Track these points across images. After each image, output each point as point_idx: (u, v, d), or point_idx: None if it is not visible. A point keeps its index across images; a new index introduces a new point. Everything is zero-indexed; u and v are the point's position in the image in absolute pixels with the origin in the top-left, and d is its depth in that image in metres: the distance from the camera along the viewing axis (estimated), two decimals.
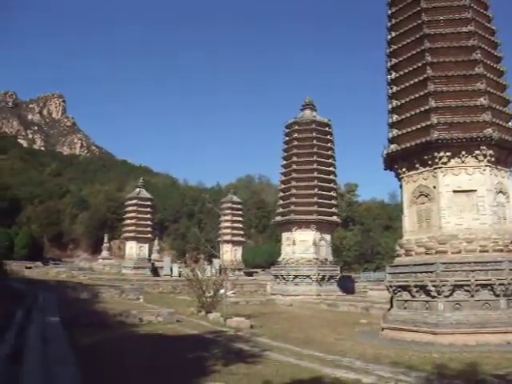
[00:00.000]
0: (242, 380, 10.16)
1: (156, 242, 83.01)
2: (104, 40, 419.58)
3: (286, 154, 44.08)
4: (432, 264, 17.46)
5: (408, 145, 19.00)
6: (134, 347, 14.57)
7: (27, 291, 23.74)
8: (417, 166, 19.22)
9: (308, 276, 40.26)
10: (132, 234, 64.23)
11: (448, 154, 18.31)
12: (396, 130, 20.10)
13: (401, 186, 20.28)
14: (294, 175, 42.26)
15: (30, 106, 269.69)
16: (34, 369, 7.55)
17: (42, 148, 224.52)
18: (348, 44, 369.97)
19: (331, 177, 43.23)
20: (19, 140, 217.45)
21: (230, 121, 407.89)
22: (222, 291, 25.30)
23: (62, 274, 50.52)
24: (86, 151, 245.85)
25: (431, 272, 17.32)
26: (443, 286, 16.99)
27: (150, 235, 65.97)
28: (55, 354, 8.80)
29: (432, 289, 17.21)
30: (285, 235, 43.41)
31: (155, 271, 64.44)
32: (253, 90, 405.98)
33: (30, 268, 55.55)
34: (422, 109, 18.87)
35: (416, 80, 19.43)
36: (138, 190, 67.59)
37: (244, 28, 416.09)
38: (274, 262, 52.71)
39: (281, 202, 44.35)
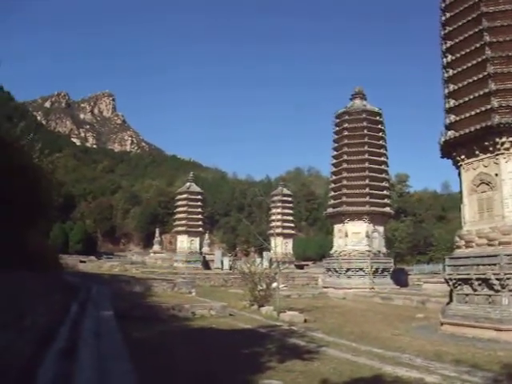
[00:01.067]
0: (299, 378, 9.75)
1: (207, 235, 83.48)
2: (152, 30, 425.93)
3: (336, 145, 43.31)
4: (495, 256, 16.62)
5: (467, 131, 18.08)
6: (186, 341, 14.36)
7: (82, 285, 23.92)
8: (477, 152, 18.26)
9: (361, 269, 39.50)
10: (183, 228, 64.67)
11: (510, 139, 17.35)
12: (453, 116, 19.20)
13: (459, 174, 19.36)
14: (345, 166, 41.47)
15: (82, 105, 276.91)
16: (88, 364, 7.33)
17: (94, 146, 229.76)
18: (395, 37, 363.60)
19: (383, 167, 42.21)
20: (72, 139, 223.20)
21: (279, 114, 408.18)
22: (274, 284, 24.99)
23: (115, 268, 51.32)
24: (136, 147, 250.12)
25: (494, 264, 16.47)
26: (507, 279, 16.14)
27: (200, 229, 66.27)
28: (109, 349, 8.59)
29: (495, 282, 16.39)
30: (337, 227, 42.71)
31: (206, 264, 64.78)
32: (301, 83, 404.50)
33: (84, 262, 56.68)
34: (482, 92, 17.91)
35: (474, 62, 18.48)
36: (188, 184, 67.96)
37: (288, 19, 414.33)
38: (325, 255, 52.08)
39: (332, 193, 43.60)
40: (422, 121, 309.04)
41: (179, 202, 67.46)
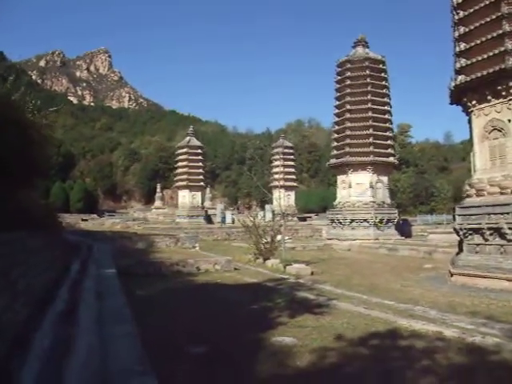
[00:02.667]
0: (312, 334, 9.30)
1: (208, 190, 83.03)
2: None
3: (338, 94, 42.27)
4: (508, 205, 16.02)
5: (479, 75, 17.16)
6: (191, 298, 13.96)
7: (83, 243, 23.55)
8: (489, 97, 17.40)
9: (365, 220, 39.08)
10: (184, 183, 64.10)
11: None
12: (464, 60, 18.26)
13: (469, 121, 18.55)
14: (348, 115, 40.56)
15: (78, 63, 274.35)
16: (88, 327, 6.87)
17: (92, 104, 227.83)
18: None
19: (386, 116, 41.28)
20: (69, 97, 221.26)
21: (277, 65, 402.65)
22: (279, 237, 24.60)
23: (116, 225, 51.04)
24: (134, 104, 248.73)
25: (507, 213, 15.87)
26: None
27: (202, 183, 65.69)
28: (111, 311, 8.14)
29: (508, 232, 15.84)
30: (340, 178, 42.09)
31: (209, 219, 64.52)
32: (301, 33, 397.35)
33: (85, 220, 56.48)
34: (495, 34, 16.89)
35: (487, 2, 17.48)
36: (188, 138, 67.03)
37: None
38: (328, 207, 51.63)
39: (335, 143, 42.76)
40: (423, 70, 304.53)
41: (179, 157, 66.68)
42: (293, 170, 70.07)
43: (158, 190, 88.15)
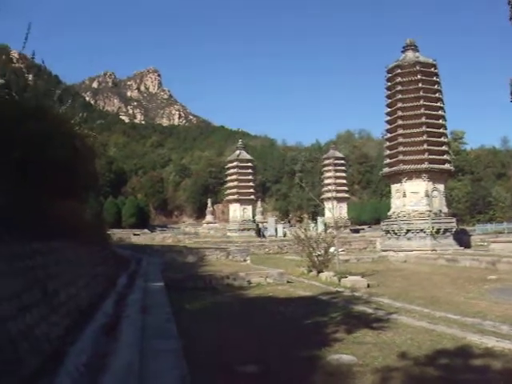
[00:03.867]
0: (372, 351, 8.51)
1: (259, 203, 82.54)
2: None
3: (389, 101, 41.13)
4: None
5: None
6: (242, 312, 13.32)
7: (132, 256, 23.35)
8: None
9: (421, 230, 37.61)
10: (235, 197, 63.85)
11: None
12: None
13: None
14: (400, 122, 39.32)
15: (128, 83, 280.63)
16: (129, 343, 6.32)
17: (143, 122, 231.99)
18: None
19: (440, 121, 39.79)
20: (121, 116, 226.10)
21: (325, 81, 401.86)
22: (332, 249, 23.78)
23: (167, 239, 51.04)
24: (184, 121, 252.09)
25: None
26: None
27: (252, 196, 65.28)
28: (155, 325, 7.59)
29: None
30: (394, 187, 40.81)
31: (260, 232, 63.94)
32: (344, 51, 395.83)
33: (137, 235, 56.76)
34: None
35: None
36: (237, 152, 66.88)
37: None
38: (380, 218, 50.30)
39: (387, 152, 41.52)
40: (476, 73, 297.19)
41: (230, 171, 66.55)
42: (344, 181, 68.91)
43: (209, 204, 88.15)
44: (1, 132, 7.04)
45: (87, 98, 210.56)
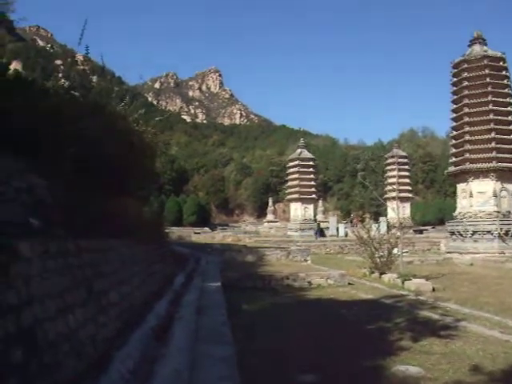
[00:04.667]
0: (441, 362, 7.90)
1: (320, 202, 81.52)
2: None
3: (455, 97, 39.63)
4: None
5: None
6: (302, 315, 12.83)
7: (191, 255, 23.22)
8: None
9: (488, 231, 36.02)
10: (296, 196, 63.26)
11: None
12: None
13: None
14: (467, 119, 37.82)
15: (190, 83, 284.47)
16: (180, 347, 6.00)
17: (204, 121, 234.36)
18: None
19: (510, 118, 37.92)
20: (183, 116, 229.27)
21: (387, 79, 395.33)
22: (395, 250, 22.96)
23: (227, 238, 51.00)
24: (245, 120, 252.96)
25: None
26: None
27: (314, 195, 64.50)
28: (210, 329, 7.23)
29: None
30: (460, 187, 39.32)
31: (321, 232, 63.12)
32: (404, 50, 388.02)
33: (198, 233, 57.10)
34: None
35: None
36: (299, 150, 66.27)
37: None
38: (445, 219, 48.52)
39: (453, 150, 40.03)
40: None
41: (291, 169, 66.00)
42: (408, 180, 67.14)
43: (270, 203, 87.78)
44: (58, 128, 6.92)
45: (149, 99, 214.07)
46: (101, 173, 8.58)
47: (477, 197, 37.28)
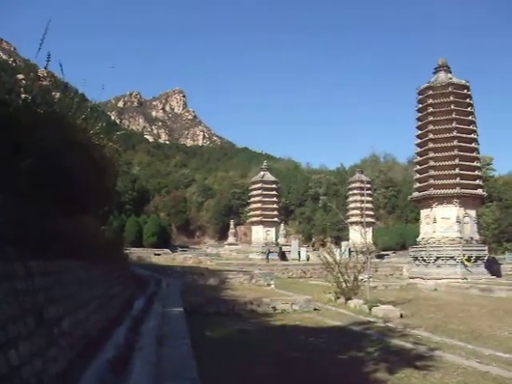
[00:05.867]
0: None
1: (282, 226, 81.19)
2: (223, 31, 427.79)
3: (420, 123, 40.01)
4: None
5: None
6: (269, 343, 12.14)
7: (152, 278, 22.38)
8: None
9: (451, 257, 36.14)
10: (258, 219, 62.76)
11: None
12: None
13: None
14: (431, 145, 38.12)
15: (153, 103, 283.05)
16: None
17: (167, 142, 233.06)
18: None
19: (473, 145, 38.49)
20: (145, 136, 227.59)
21: (347, 101, 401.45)
22: (361, 276, 22.53)
23: (188, 260, 49.88)
24: (208, 142, 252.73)
25: None
26: None
27: (276, 219, 64.13)
28: (173, 361, 6.51)
29: None
30: (423, 212, 39.46)
31: (283, 255, 62.62)
32: (372, 69, 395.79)
33: (158, 255, 55.83)
34: None
35: None
36: (262, 173, 65.93)
37: None
38: (406, 244, 48.58)
39: (417, 175, 40.26)
40: (502, 96, 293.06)
41: (253, 192, 65.55)
42: (371, 205, 67.44)
43: (232, 226, 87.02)
44: (9, 139, 6.21)
45: (113, 117, 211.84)
46: (58, 187, 7.89)
47: (440, 222, 37.43)
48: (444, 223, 37.28)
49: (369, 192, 66.72)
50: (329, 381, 8.48)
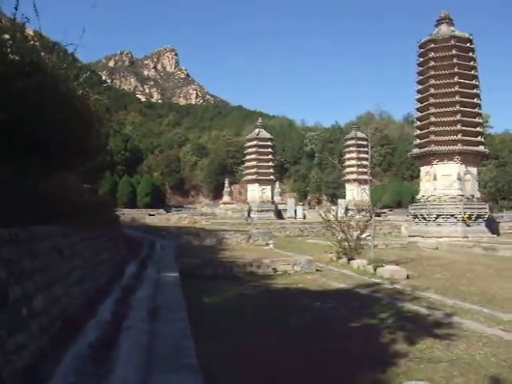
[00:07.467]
0: (453, 374, 6.49)
1: (277, 184, 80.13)
2: None
3: (421, 78, 38.54)
4: None
5: None
6: (272, 310, 11.21)
7: (145, 240, 21.45)
8: None
9: (452, 215, 35.30)
10: (254, 177, 61.64)
11: None
12: None
13: None
14: (432, 100, 36.80)
15: (145, 62, 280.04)
16: (125, 379, 4.25)
17: (160, 101, 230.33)
18: None
19: (475, 100, 37.16)
20: (137, 95, 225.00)
21: (343, 64, 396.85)
22: (364, 234, 21.63)
23: (183, 220, 49.04)
24: (201, 100, 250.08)
25: None
26: None
27: (272, 177, 62.98)
28: (167, 345, 5.47)
29: None
30: (424, 169, 38.43)
31: (279, 214, 61.81)
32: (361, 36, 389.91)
33: (152, 215, 55.09)
34: None
35: None
36: (257, 130, 64.45)
37: None
38: (402, 201, 47.73)
39: (417, 132, 39.02)
40: (501, 56, 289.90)
41: (249, 150, 64.22)
42: (367, 162, 66.11)
43: (226, 184, 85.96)
44: None
45: (104, 77, 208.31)
46: (36, 142, 6.86)
47: (441, 180, 36.50)
48: (445, 180, 36.34)
49: (365, 149, 65.60)
50: (344, 354, 7.55)
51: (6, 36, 7.16)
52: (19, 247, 4.75)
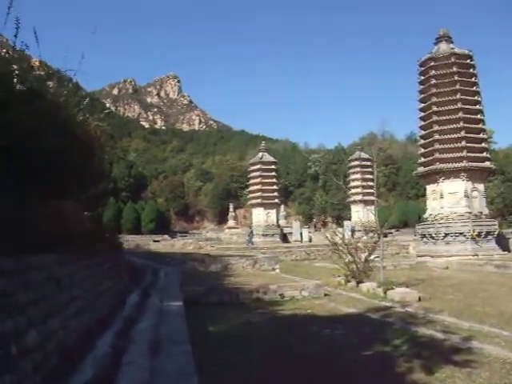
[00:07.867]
0: None
1: (282, 207, 79.77)
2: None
3: (423, 96, 38.44)
4: None
5: None
6: (280, 337, 10.78)
7: (149, 267, 21.10)
8: None
9: (461, 233, 34.85)
10: (258, 201, 61.40)
11: None
12: None
13: None
14: (436, 118, 36.62)
15: (148, 89, 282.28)
16: None
17: (163, 127, 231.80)
18: None
19: (479, 116, 37.03)
20: (141, 122, 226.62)
21: (345, 82, 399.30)
22: (373, 256, 21.18)
23: (188, 246, 48.66)
24: (204, 126, 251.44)
25: None
26: None
27: (276, 200, 62.75)
28: (168, 381, 5.08)
29: None
30: (430, 188, 38.08)
31: (284, 237, 61.38)
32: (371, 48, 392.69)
33: (157, 241, 54.73)
34: None
35: None
36: (260, 154, 64.41)
37: None
38: (408, 221, 47.20)
39: (422, 150, 38.81)
40: (503, 70, 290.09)
41: (252, 174, 64.08)
42: (372, 183, 65.96)
43: (231, 209, 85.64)
44: None
45: (107, 105, 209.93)
46: (35, 170, 6.60)
47: (447, 198, 36.13)
48: (451, 198, 35.97)
49: (370, 170, 65.45)
50: None
51: (14, 66, 7.07)
52: (12, 279, 4.43)
